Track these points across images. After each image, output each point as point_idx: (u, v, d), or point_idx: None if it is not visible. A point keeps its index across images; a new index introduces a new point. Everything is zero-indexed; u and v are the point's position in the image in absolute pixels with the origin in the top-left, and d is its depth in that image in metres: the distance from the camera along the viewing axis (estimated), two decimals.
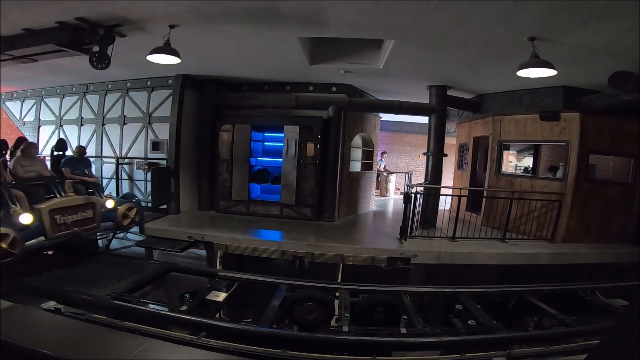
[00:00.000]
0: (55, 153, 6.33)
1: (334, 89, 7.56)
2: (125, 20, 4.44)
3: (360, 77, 7.02)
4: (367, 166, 9.34)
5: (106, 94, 8.16)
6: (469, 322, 3.99)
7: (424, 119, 7.88)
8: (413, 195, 6.10)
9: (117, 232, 6.18)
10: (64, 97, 8.75)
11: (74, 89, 8.51)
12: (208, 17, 4.30)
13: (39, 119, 9.14)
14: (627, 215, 6.61)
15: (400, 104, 7.48)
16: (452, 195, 7.46)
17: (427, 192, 6.88)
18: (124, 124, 8.00)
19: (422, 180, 7.60)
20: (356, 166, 8.88)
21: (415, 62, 5.79)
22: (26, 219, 4.36)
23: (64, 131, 8.76)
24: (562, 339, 3.54)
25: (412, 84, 7.24)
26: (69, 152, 6.50)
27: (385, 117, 10.46)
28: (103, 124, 8.22)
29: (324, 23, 4.42)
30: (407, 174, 12.64)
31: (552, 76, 4.48)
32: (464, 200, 7.37)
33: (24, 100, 9.40)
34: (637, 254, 6.03)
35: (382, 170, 12.80)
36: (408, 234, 6.08)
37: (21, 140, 5.88)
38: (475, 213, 7.71)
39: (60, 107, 8.81)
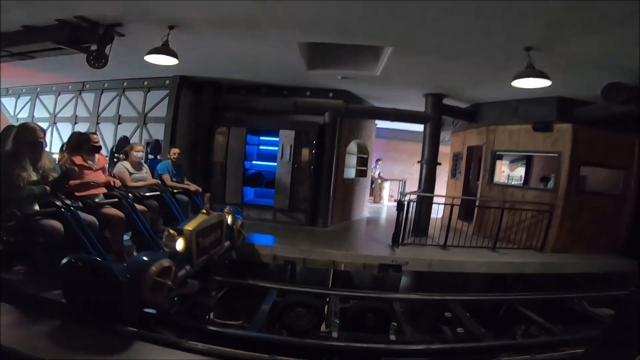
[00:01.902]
0: (150, 157, 5.89)
1: (331, 94, 7.60)
2: (125, 20, 4.46)
3: (357, 84, 7.08)
4: (362, 173, 9.38)
5: (102, 92, 8.14)
6: (458, 330, 4.01)
7: (420, 127, 7.95)
8: (406, 203, 6.14)
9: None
10: (59, 95, 8.72)
11: (70, 87, 8.48)
12: (208, 19, 4.33)
13: (33, 116, 9.08)
14: (616, 227, 6.70)
15: (396, 112, 7.54)
16: (444, 204, 7.51)
17: (420, 200, 6.92)
18: (119, 123, 7.97)
19: (416, 188, 7.64)
20: (351, 172, 8.91)
21: (412, 70, 5.86)
22: (180, 244, 3.59)
23: (57, 129, 8.71)
24: (548, 347, 3.57)
25: (408, 92, 7.31)
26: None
27: (381, 124, 10.53)
28: (98, 123, 8.18)
29: (323, 28, 4.48)
30: (401, 182, 12.71)
31: (546, 87, 4.55)
32: (456, 209, 7.42)
33: (18, 97, 9.34)
34: (625, 264, 6.12)
35: (377, 177, 12.85)
36: (400, 241, 6.11)
37: (125, 140, 5.17)
38: (467, 222, 7.77)
39: (55, 105, 8.77)
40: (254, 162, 8.56)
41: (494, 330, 4.04)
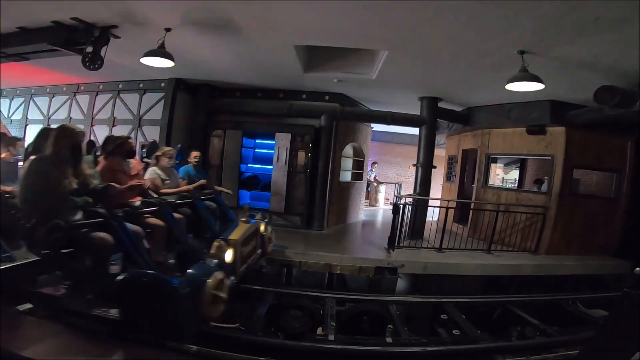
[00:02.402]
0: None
1: (327, 97, 7.63)
2: (122, 22, 4.45)
3: (353, 87, 7.11)
4: (358, 176, 9.40)
5: (97, 94, 8.10)
6: (454, 332, 4.03)
7: (415, 131, 7.99)
8: (402, 206, 6.16)
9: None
10: (53, 97, 8.66)
11: (64, 89, 8.43)
12: (204, 21, 4.34)
13: (27, 118, 9.01)
14: (609, 229, 6.76)
15: (392, 115, 7.58)
16: (440, 207, 7.55)
17: (415, 203, 6.95)
18: (114, 125, 7.92)
19: (412, 191, 7.67)
20: (346, 176, 8.93)
21: (408, 74, 5.90)
22: (229, 255, 3.48)
23: None
24: (544, 349, 3.59)
25: (404, 95, 7.36)
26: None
27: (377, 127, 10.57)
28: (92, 125, 8.13)
29: (319, 32, 4.50)
30: (396, 185, 12.75)
31: (539, 90, 4.60)
32: (451, 212, 7.46)
33: (12, 98, 9.27)
34: (618, 266, 6.18)
35: (372, 180, 12.89)
36: (396, 244, 6.12)
37: (155, 145, 4.83)
38: (463, 224, 7.80)
39: (49, 106, 8.71)
40: (249, 165, 8.54)
41: (490, 332, 4.06)
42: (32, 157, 2.94)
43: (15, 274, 2.94)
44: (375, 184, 12.99)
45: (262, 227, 4.63)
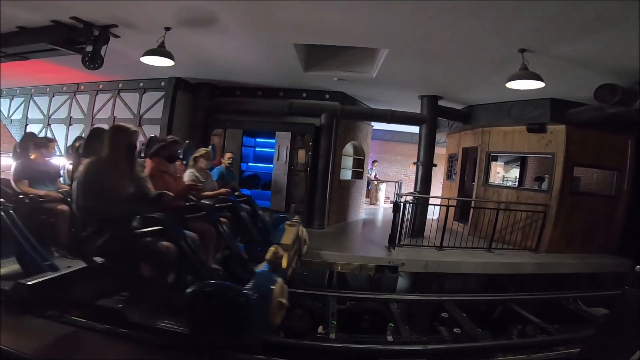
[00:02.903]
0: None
1: (327, 96, 7.62)
2: (121, 21, 4.45)
3: (353, 85, 7.10)
4: (358, 174, 9.40)
5: (97, 94, 8.10)
6: (455, 330, 4.03)
7: (415, 129, 7.99)
8: (402, 204, 6.16)
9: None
10: (53, 96, 8.66)
11: (64, 88, 8.42)
12: (204, 20, 4.33)
13: (27, 117, 9.01)
14: (609, 227, 6.76)
15: (392, 113, 7.57)
16: (440, 205, 7.55)
17: (416, 201, 6.95)
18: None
19: (412, 190, 7.68)
20: (347, 174, 8.93)
21: (408, 72, 5.90)
22: (285, 260, 3.31)
23: (51, 130, 8.64)
24: (544, 347, 3.60)
25: (404, 94, 7.35)
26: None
27: (377, 125, 10.57)
28: (92, 124, 8.13)
29: (319, 30, 4.49)
30: (397, 183, 12.75)
31: (540, 88, 4.59)
32: (452, 210, 7.46)
33: (12, 98, 9.27)
34: (619, 264, 6.18)
35: (373, 179, 12.88)
36: (396, 242, 6.12)
37: (192, 146, 4.52)
38: (463, 223, 7.81)
39: (49, 106, 8.70)
40: (250, 164, 8.54)
41: (491, 331, 4.06)
42: (88, 160, 2.69)
43: (60, 284, 2.85)
44: (375, 183, 12.99)
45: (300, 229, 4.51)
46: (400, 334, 3.92)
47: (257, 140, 8.70)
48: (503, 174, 10.07)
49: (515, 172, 9.84)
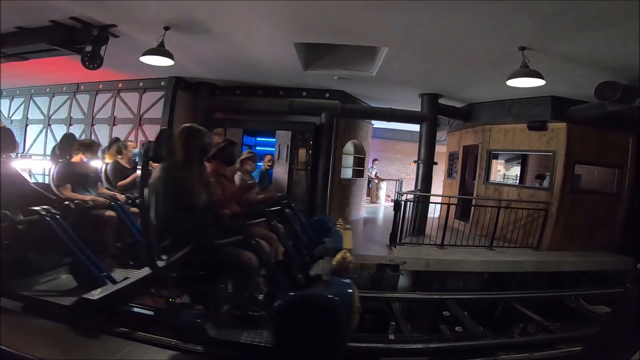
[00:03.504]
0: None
1: (327, 95, 7.59)
2: (120, 21, 4.43)
3: (353, 84, 7.08)
4: (359, 173, 9.39)
5: (97, 94, 8.09)
6: (456, 328, 4.03)
7: (416, 127, 7.97)
8: (403, 202, 6.15)
9: None
10: (53, 96, 8.65)
11: (64, 88, 8.42)
12: (203, 19, 4.32)
13: (27, 118, 9.01)
14: (611, 224, 6.75)
15: (392, 112, 7.55)
16: (441, 203, 7.54)
17: (417, 199, 6.94)
18: (114, 124, 7.92)
19: (413, 188, 7.66)
20: (347, 173, 8.92)
21: (408, 70, 5.88)
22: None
23: (52, 131, 8.65)
24: (546, 345, 3.59)
25: (404, 92, 7.33)
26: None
27: (377, 124, 10.56)
28: (92, 124, 8.13)
29: (319, 29, 4.48)
30: (397, 182, 12.74)
31: (540, 86, 4.57)
32: (453, 209, 7.45)
33: (12, 98, 9.26)
34: (620, 262, 6.17)
35: (373, 177, 12.87)
36: (397, 241, 6.12)
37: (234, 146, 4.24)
38: (464, 221, 7.80)
39: (49, 106, 8.70)
40: None
41: (492, 329, 4.06)
42: (163, 165, 2.51)
43: (126, 297, 2.77)
44: (376, 181, 12.98)
45: None
46: (401, 332, 3.92)
47: (258, 139, 8.69)
48: (504, 172, 10.04)
49: (516, 170, 9.81)
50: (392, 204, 6.31)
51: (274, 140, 7.70)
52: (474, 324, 4.04)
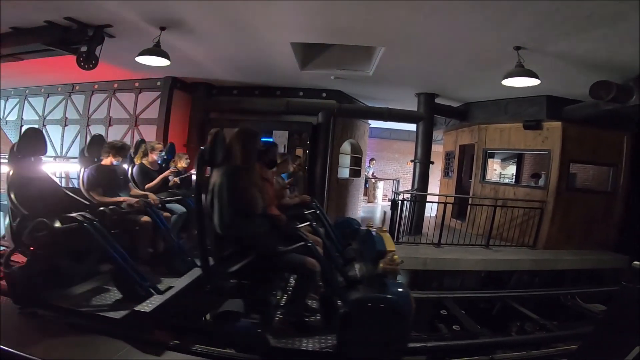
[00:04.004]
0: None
1: (324, 94, 7.59)
2: (116, 21, 4.41)
3: (350, 84, 7.09)
4: (356, 173, 9.40)
5: (92, 94, 8.05)
6: (454, 327, 4.05)
7: (412, 127, 7.98)
8: (400, 202, 6.16)
9: None
10: (48, 97, 8.59)
11: (59, 89, 8.36)
12: (200, 19, 4.31)
13: (22, 119, 8.94)
14: (606, 223, 6.80)
15: (389, 111, 7.56)
16: (438, 203, 7.56)
17: (413, 199, 6.96)
18: (110, 125, 7.88)
19: (410, 187, 7.68)
20: (344, 172, 8.92)
21: (405, 70, 5.89)
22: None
23: (47, 131, 8.58)
24: (543, 344, 3.62)
25: (401, 92, 7.35)
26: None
27: (374, 124, 10.56)
28: (88, 125, 8.08)
29: (316, 29, 4.48)
30: (394, 181, 12.77)
31: (535, 85, 4.60)
32: (449, 208, 7.48)
33: (7, 99, 9.19)
34: (616, 260, 6.22)
35: (370, 176, 12.89)
36: (395, 240, 6.13)
37: (275, 148, 3.80)
38: (461, 220, 7.83)
39: (44, 107, 8.64)
40: None
41: (490, 328, 4.09)
42: (224, 170, 2.42)
43: (177, 308, 2.67)
44: (373, 181, 13.00)
45: None
46: None
47: None
48: (500, 171, 10.09)
49: (512, 169, 9.88)
50: (389, 203, 6.31)
51: (271, 140, 7.68)
52: (471, 323, 4.07)
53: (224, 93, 7.91)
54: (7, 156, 3.01)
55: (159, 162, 4.43)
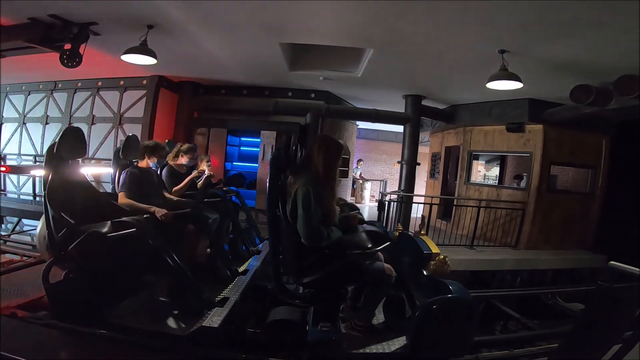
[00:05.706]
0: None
1: (312, 95, 7.60)
2: (102, 19, 4.33)
3: (339, 85, 7.12)
4: (343, 173, 9.43)
5: (75, 92, 7.86)
6: None
7: (399, 128, 8.06)
8: (387, 202, 6.21)
9: None
10: (29, 94, 8.35)
11: (40, 86, 8.14)
12: (187, 18, 4.27)
13: (2, 116, 8.67)
14: (585, 223, 6.99)
15: (376, 113, 7.62)
16: (424, 203, 7.65)
17: (400, 199, 7.03)
18: (93, 123, 7.72)
19: (397, 188, 7.76)
20: None
21: (392, 72, 5.95)
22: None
23: (27, 129, 8.35)
24: (525, 342, 3.71)
25: (388, 93, 7.41)
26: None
27: (362, 125, 10.63)
28: (70, 123, 7.88)
29: (305, 30, 4.49)
30: (382, 182, 12.85)
31: (519, 89, 4.71)
32: (435, 208, 7.58)
33: None
34: (594, 260, 6.40)
35: (358, 177, 12.95)
36: None
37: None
38: (446, 221, 7.94)
39: (25, 104, 8.39)
40: (235, 163, 8.47)
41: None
42: (306, 180, 2.33)
43: (240, 321, 2.57)
44: (360, 181, 13.05)
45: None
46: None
47: (242, 139, 8.63)
48: (484, 173, 10.26)
49: (495, 171, 10.05)
50: (377, 204, 6.36)
51: (259, 140, 7.66)
52: None
53: (211, 92, 7.84)
54: (44, 159, 2.68)
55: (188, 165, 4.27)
